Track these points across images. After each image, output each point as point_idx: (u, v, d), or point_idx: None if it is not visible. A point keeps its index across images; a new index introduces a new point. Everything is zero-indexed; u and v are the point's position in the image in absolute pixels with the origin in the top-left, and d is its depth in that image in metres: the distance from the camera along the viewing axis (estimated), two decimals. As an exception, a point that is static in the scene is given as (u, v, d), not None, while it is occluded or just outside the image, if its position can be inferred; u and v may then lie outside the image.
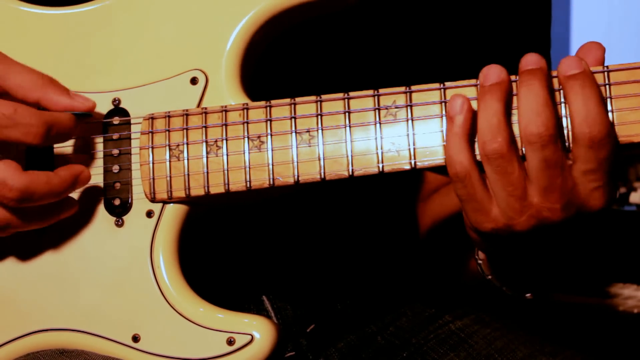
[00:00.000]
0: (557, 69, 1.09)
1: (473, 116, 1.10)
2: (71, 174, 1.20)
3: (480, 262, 1.30)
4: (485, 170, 1.10)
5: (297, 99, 1.19)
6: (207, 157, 1.21)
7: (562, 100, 1.10)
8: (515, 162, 1.09)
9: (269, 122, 1.20)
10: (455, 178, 1.11)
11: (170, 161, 1.23)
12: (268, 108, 1.20)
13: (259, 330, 1.20)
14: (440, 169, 1.15)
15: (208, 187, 1.21)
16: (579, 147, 1.07)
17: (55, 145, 1.25)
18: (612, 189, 1.10)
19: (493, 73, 1.09)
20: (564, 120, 1.10)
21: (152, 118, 1.24)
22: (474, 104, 1.11)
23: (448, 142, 1.11)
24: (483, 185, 1.11)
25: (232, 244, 1.39)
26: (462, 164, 1.10)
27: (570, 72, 1.07)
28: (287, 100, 1.20)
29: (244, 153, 1.20)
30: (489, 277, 1.30)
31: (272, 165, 1.19)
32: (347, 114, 1.17)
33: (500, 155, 1.08)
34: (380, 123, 1.16)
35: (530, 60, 1.08)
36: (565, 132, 1.10)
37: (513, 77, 1.11)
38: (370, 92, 1.17)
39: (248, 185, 1.20)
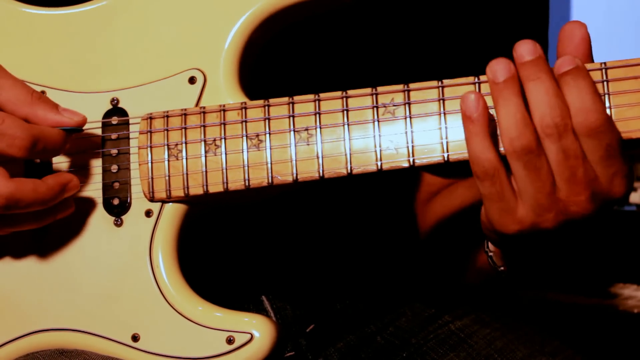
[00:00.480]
0: (553, 69, 1.08)
1: (488, 113, 1.09)
2: (59, 182, 1.20)
3: (491, 254, 1.29)
4: (513, 168, 1.09)
5: (295, 98, 1.19)
6: (205, 156, 1.21)
7: None
8: (544, 157, 1.08)
9: (267, 120, 1.20)
10: (484, 176, 1.10)
11: (168, 160, 1.23)
12: (266, 107, 1.20)
13: (258, 329, 1.20)
14: (439, 167, 1.15)
15: (207, 186, 1.21)
16: (582, 138, 1.07)
17: None
18: (629, 173, 1.10)
19: (503, 68, 1.08)
20: None
21: (150, 118, 1.24)
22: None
23: (470, 142, 1.10)
24: (510, 183, 1.10)
25: (231, 244, 1.39)
26: (491, 161, 1.09)
27: (563, 69, 1.07)
28: (286, 99, 1.20)
29: (242, 152, 1.20)
30: (502, 268, 1.29)
31: (271, 163, 1.19)
32: (345, 112, 1.17)
33: (529, 150, 1.07)
34: (378, 121, 1.16)
35: (529, 50, 1.07)
36: None
37: None
38: (369, 90, 1.17)
39: (247, 184, 1.20)
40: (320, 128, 1.18)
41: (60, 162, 1.26)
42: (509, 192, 1.10)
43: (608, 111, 1.09)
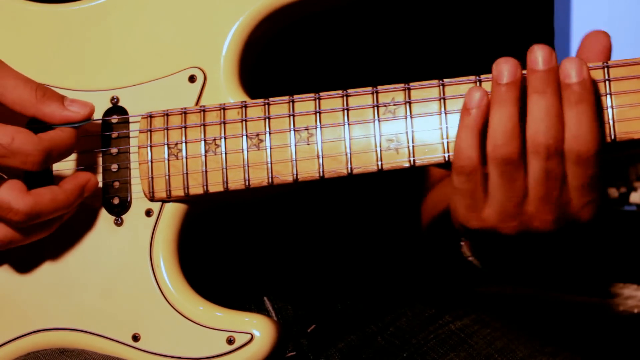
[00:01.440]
0: (559, 69, 1.07)
1: (488, 112, 1.08)
2: (77, 185, 1.20)
3: (462, 244, 1.31)
4: (490, 172, 1.09)
5: (296, 97, 1.19)
6: (205, 156, 1.21)
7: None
8: (522, 170, 1.08)
9: (267, 119, 1.20)
10: (461, 171, 1.10)
11: (168, 160, 1.22)
12: (266, 106, 1.20)
13: (259, 329, 1.19)
14: (440, 166, 1.15)
15: (207, 185, 1.21)
16: (569, 163, 1.07)
17: None
18: (602, 203, 1.10)
19: (509, 70, 1.06)
20: None
21: (150, 116, 1.24)
22: None
23: (460, 133, 1.09)
24: (483, 185, 1.11)
25: (232, 245, 1.39)
26: (471, 159, 1.09)
27: (568, 80, 1.05)
28: (286, 98, 1.19)
29: (242, 151, 1.20)
30: (470, 258, 1.30)
31: (271, 163, 1.19)
32: (345, 111, 1.17)
33: (510, 162, 1.07)
34: (379, 120, 1.16)
35: (544, 58, 1.05)
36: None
37: (524, 72, 1.08)
38: (369, 89, 1.17)
39: (247, 184, 1.20)
40: (321, 127, 1.18)
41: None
42: (480, 192, 1.11)
43: (609, 112, 1.08)
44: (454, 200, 1.14)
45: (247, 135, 1.20)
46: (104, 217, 1.25)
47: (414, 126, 1.15)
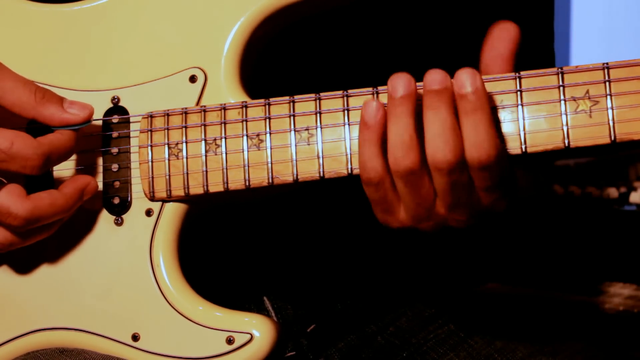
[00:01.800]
0: (454, 81, 1.08)
1: (386, 124, 1.10)
2: (76, 188, 1.20)
3: None
4: (396, 183, 1.12)
5: (296, 97, 1.19)
6: (206, 156, 1.21)
7: None
8: (426, 177, 1.10)
9: (267, 120, 1.20)
10: (369, 182, 1.12)
11: (169, 160, 1.23)
12: (267, 106, 1.20)
13: (258, 329, 1.19)
14: None
15: (207, 185, 1.21)
16: (472, 169, 1.09)
17: None
18: (512, 196, 1.13)
19: (402, 84, 1.08)
20: None
21: (151, 116, 1.24)
22: None
23: (361, 147, 1.11)
24: (393, 190, 1.13)
25: (232, 244, 1.39)
26: (376, 170, 1.11)
27: (463, 90, 1.06)
28: (286, 98, 1.19)
29: (243, 151, 1.20)
30: None
31: (271, 163, 1.19)
32: (346, 111, 1.17)
33: (411, 172, 1.09)
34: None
35: (436, 79, 1.07)
36: None
37: (419, 85, 1.09)
38: (370, 89, 1.17)
39: (247, 184, 1.20)
40: (321, 128, 1.18)
41: (61, 161, 1.26)
42: (392, 197, 1.13)
43: (609, 112, 1.08)
44: (372, 207, 1.16)
45: (247, 136, 1.20)
46: (104, 217, 1.25)
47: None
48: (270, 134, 1.19)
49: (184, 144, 1.22)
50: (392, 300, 1.50)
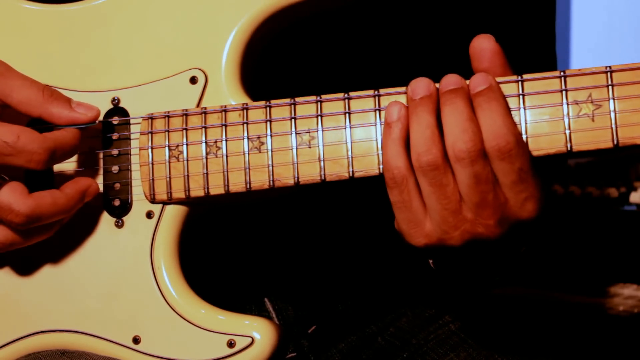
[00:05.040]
0: (469, 86, 1.10)
1: (408, 125, 1.12)
2: (78, 189, 1.21)
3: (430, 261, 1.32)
4: (420, 184, 1.11)
5: (297, 99, 1.19)
6: (206, 158, 1.21)
7: None
8: (450, 174, 1.10)
9: (268, 122, 1.19)
10: (393, 183, 1.12)
11: (169, 162, 1.22)
12: (268, 108, 1.20)
13: (259, 332, 1.19)
14: None
15: (208, 188, 1.21)
16: (494, 161, 1.09)
17: None
18: (541, 197, 1.11)
19: (422, 86, 1.11)
20: None
21: (151, 118, 1.24)
22: None
23: (385, 147, 1.12)
24: (419, 195, 1.12)
25: (233, 246, 1.39)
26: (400, 169, 1.11)
27: (477, 89, 1.09)
28: (287, 101, 1.19)
29: (243, 154, 1.20)
30: (430, 261, 1.32)
31: (272, 166, 1.19)
32: (347, 114, 1.17)
33: (435, 167, 1.09)
34: (381, 124, 1.16)
35: (451, 81, 1.10)
36: None
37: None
38: (371, 92, 1.16)
39: (248, 187, 1.20)
40: (322, 130, 1.17)
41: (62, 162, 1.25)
42: (418, 203, 1.12)
43: (612, 116, 1.08)
44: (397, 219, 1.15)
45: (248, 138, 1.20)
46: (105, 219, 1.25)
47: (415, 129, 1.15)
48: (271, 136, 1.19)
49: (185, 146, 1.22)
50: (393, 300, 1.50)
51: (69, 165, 1.25)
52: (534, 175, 1.10)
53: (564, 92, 1.10)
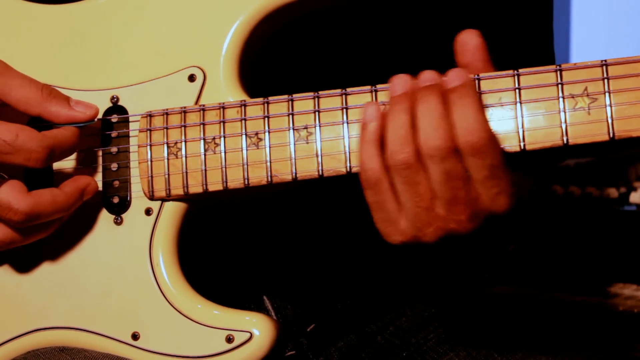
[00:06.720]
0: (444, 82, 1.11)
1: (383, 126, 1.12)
2: (77, 188, 1.21)
3: None
4: (394, 182, 1.12)
5: (295, 96, 1.19)
6: (205, 155, 1.21)
7: None
8: (422, 173, 1.11)
9: (266, 118, 1.20)
10: (367, 184, 1.13)
11: (168, 159, 1.23)
12: (265, 104, 1.20)
13: (258, 328, 1.19)
14: None
15: (206, 184, 1.21)
16: (466, 157, 1.09)
17: None
18: (512, 191, 1.12)
19: (399, 83, 1.12)
20: None
21: (150, 115, 1.24)
22: None
23: (360, 148, 1.13)
24: (393, 195, 1.13)
25: (232, 244, 1.39)
26: (373, 170, 1.12)
27: (452, 84, 1.10)
28: (285, 97, 1.19)
29: (241, 150, 1.20)
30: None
31: (270, 162, 1.19)
32: (344, 110, 1.17)
33: (408, 166, 1.10)
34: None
35: (426, 78, 1.11)
36: None
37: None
38: (368, 88, 1.17)
39: (246, 183, 1.20)
40: (320, 126, 1.18)
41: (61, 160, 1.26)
42: (392, 203, 1.13)
43: (608, 110, 1.08)
44: (374, 218, 1.16)
45: (246, 134, 1.20)
46: (104, 216, 1.25)
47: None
48: (269, 132, 1.19)
49: (183, 143, 1.22)
50: (392, 299, 1.50)
51: (68, 163, 1.26)
52: (506, 170, 1.11)
53: (559, 86, 1.10)
